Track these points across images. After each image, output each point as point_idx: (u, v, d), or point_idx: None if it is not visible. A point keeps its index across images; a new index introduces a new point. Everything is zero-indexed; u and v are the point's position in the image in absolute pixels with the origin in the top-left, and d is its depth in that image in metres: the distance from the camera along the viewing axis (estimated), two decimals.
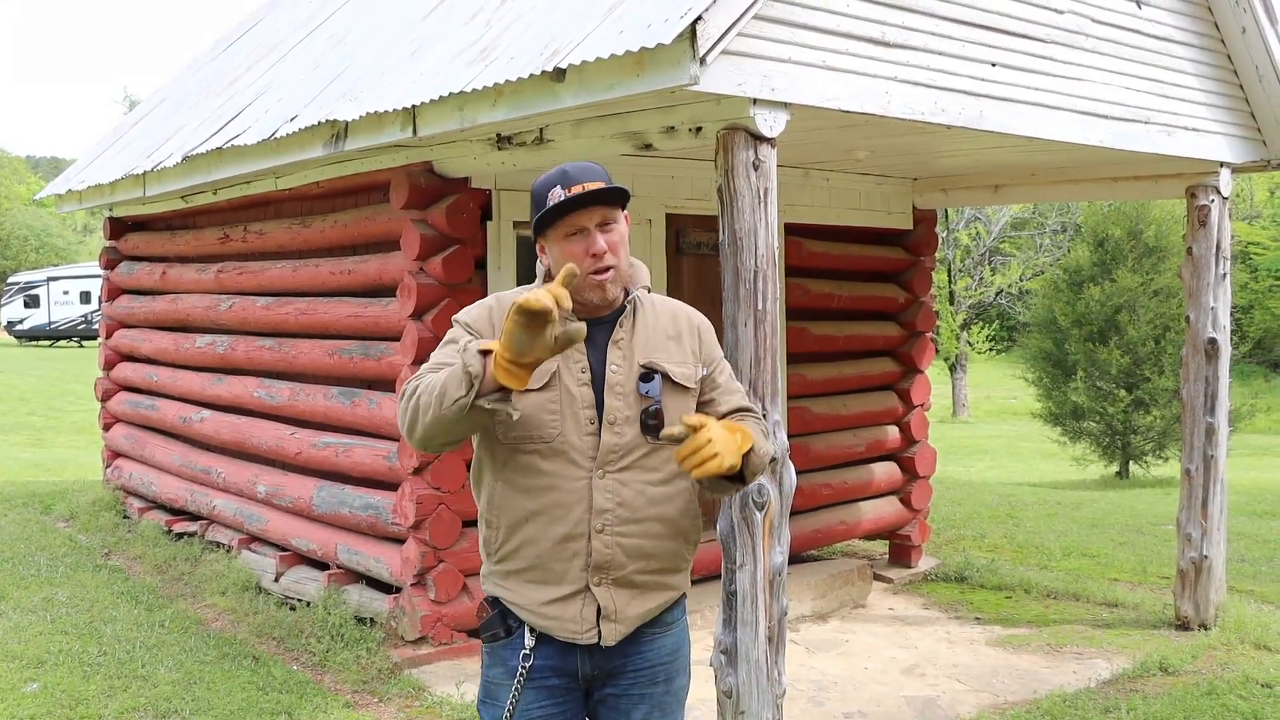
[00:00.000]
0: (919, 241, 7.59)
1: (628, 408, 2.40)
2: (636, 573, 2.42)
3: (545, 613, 2.40)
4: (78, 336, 39.30)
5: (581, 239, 2.38)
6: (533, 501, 2.39)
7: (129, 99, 54.30)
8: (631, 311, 2.47)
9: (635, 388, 2.41)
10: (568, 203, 2.35)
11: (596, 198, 2.36)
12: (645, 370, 2.43)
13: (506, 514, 2.41)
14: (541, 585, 2.40)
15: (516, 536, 2.41)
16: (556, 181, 2.37)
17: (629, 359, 2.43)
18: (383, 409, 5.70)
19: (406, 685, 5.06)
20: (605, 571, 2.39)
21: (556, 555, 2.38)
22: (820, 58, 4.10)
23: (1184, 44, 5.77)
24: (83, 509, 8.69)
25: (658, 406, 2.40)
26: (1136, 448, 15.97)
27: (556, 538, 2.38)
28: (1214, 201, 6.12)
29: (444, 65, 4.81)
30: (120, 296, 9.03)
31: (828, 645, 5.94)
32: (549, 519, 2.38)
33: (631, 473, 2.40)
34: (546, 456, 2.37)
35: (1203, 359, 6.12)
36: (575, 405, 2.38)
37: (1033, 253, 26.98)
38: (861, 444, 7.29)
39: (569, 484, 2.37)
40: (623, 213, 2.44)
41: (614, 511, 2.38)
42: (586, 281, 2.38)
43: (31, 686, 4.99)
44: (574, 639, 2.41)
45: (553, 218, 2.38)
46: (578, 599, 2.39)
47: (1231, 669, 5.35)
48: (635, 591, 2.43)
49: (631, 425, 2.40)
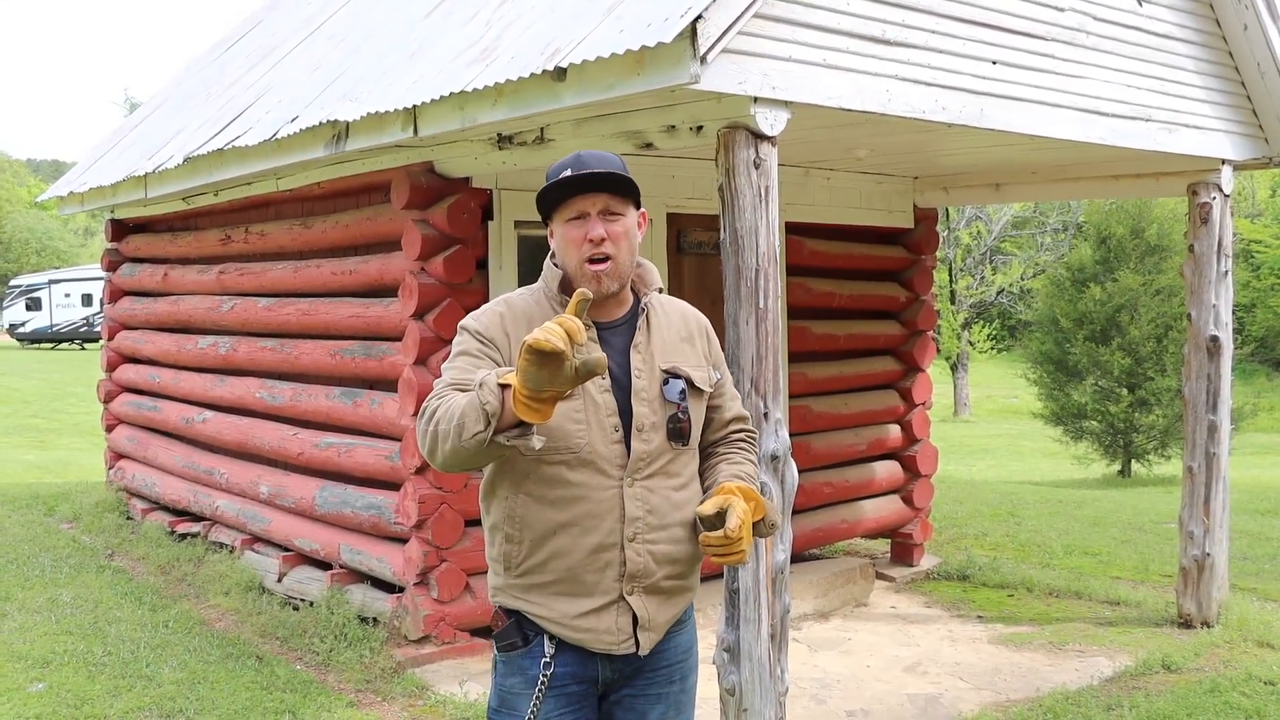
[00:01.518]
0: (920, 240, 7.59)
1: (653, 414, 2.38)
2: (665, 579, 2.40)
3: (579, 625, 2.36)
4: (79, 339, 39.31)
5: (581, 224, 2.35)
6: (561, 513, 2.34)
7: (129, 101, 54.33)
8: (646, 315, 2.45)
9: (659, 393, 2.39)
10: (569, 181, 2.32)
11: (599, 180, 2.33)
12: (668, 375, 2.41)
13: (531, 527, 2.36)
14: (573, 598, 2.36)
15: (544, 549, 2.36)
16: (569, 165, 2.36)
17: (649, 364, 2.41)
18: (384, 409, 5.71)
19: (410, 684, 5.06)
20: (638, 580, 2.37)
21: (588, 566, 2.35)
22: (821, 56, 4.11)
23: (1185, 41, 5.77)
24: (86, 510, 8.70)
25: (685, 412, 2.39)
26: (1139, 446, 15.98)
27: (589, 549, 2.34)
28: (1216, 199, 6.12)
29: (444, 65, 4.82)
30: (122, 298, 9.04)
31: (830, 643, 5.94)
32: (580, 530, 2.34)
33: (657, 479, 2.38)
34: (574, 467, 2.33)
35: (1205, 356, 6.12)
36: (600, 413, 2.34)
37: (1034, 251, 26.98)
38: (863, 443, 7.29)
39: (599, 494, 2.34)
40: (635, 209, 2.41)
41: (644, 519, 2.36)
42: (581, 270, 2.36)
43: (37, 686, 5.00)
44: (610, 650, 2.38)
45: (557, 197, 2.36)
46: (612, 610, 2.37)
47: (1234, 667, 5.35)
48: (664, 597, 2.42)
49: (658, 432, 2.38)
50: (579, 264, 2.36)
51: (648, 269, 2.51)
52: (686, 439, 2.40)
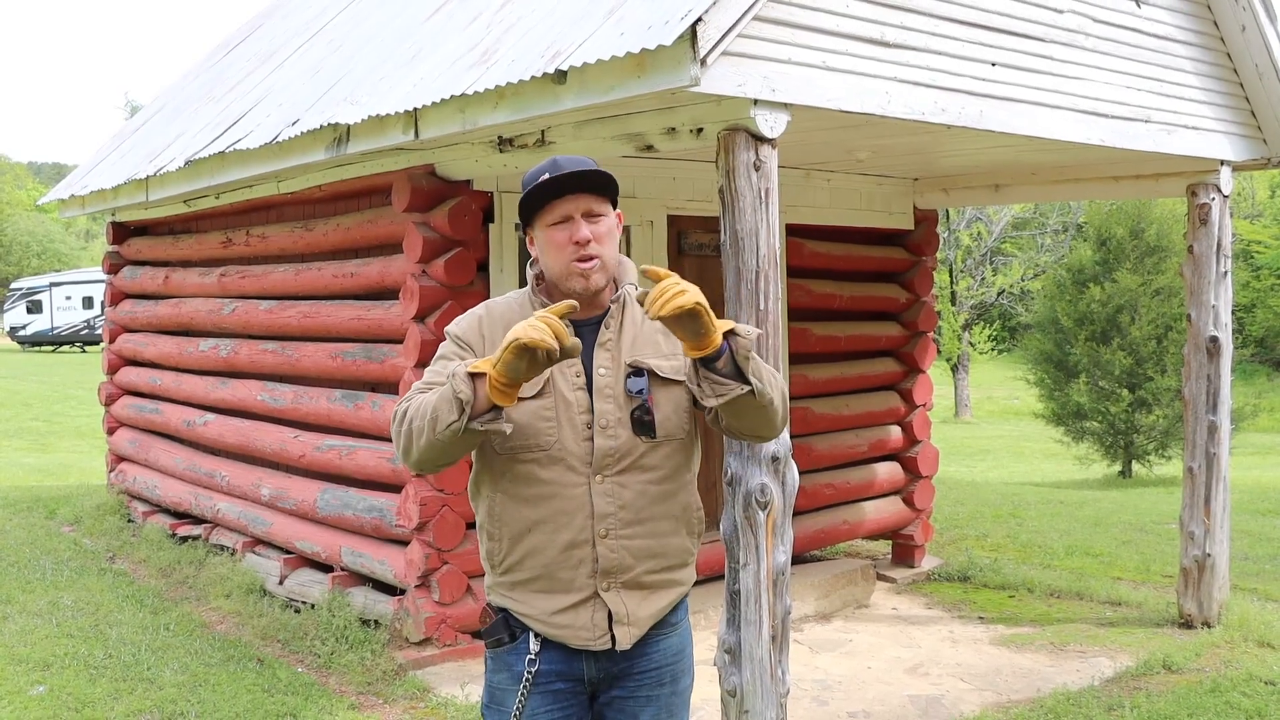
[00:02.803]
0: (920, 241, 7.60)
1: (618, 410, 2.38)
2: (646, 573, 2.41)
3: (556, 622, 2.39)
4: (80, 342, 39.35)
5: (565, 228, 2.37)
6: (534, 511, 2.37)
7: (130, 104, 54.38)
8: (619, 311, 2.44)
9: (624, 388, 2.39)
10: (552, 183, 2.34)
11: (581, 180, 2.35)
12: (632, 369, 2.40)
13: (508, 525, 2.40)
14: (549, 594, 2.39)
15: (520, 547, 2.39)
16: (546, 169, 2.37)
17: (617, 360, 2.41)
18: (386, 411, 5.71)
19: (411, 687, 5.07)
20: (613, 576, 2.38)
21: (562, 563, 2.37)
22: (821, 58, 4.11)
23: (1184, 43, 5.78)
24: (87, 513, 8.71)
25: (646, 404, 2.37)
26: (1139, 447, 15.96)
27: (561, 545, 2.36)
28: (1215, 200, 6.13)
29: (445, 68, 4.83)
30: (123, 301, 9.05)
31: (831, 645, 5.95)
32: (553, 527, 2.36)
33: (631, 474, 2.38)
34: (545, 465, 2.36)
35: (1204, 357, 6.13)
36: (571, 411, 2.36)
37: (1034, 252, 26.97)
38: (864, 444, 7.30)
39: (569, 490, 2.36)
40: (613, 209, 2.43)
41: (616, 515, 2.37)
42: (570, 269, 2.37)
43: (38, 689, 5.01)
44: (587, 646, 2.39)
45: (539, 203, 2.37)
46: (587, 606, 2.38)
47: (1235, 667, 5.35)
48: (646, 592, 2.42)
49: (624, 427, 2.38)
50: (566, 266, 2.37)
51: (625, 265, 2.52)
52: (653, 432, 2.37)
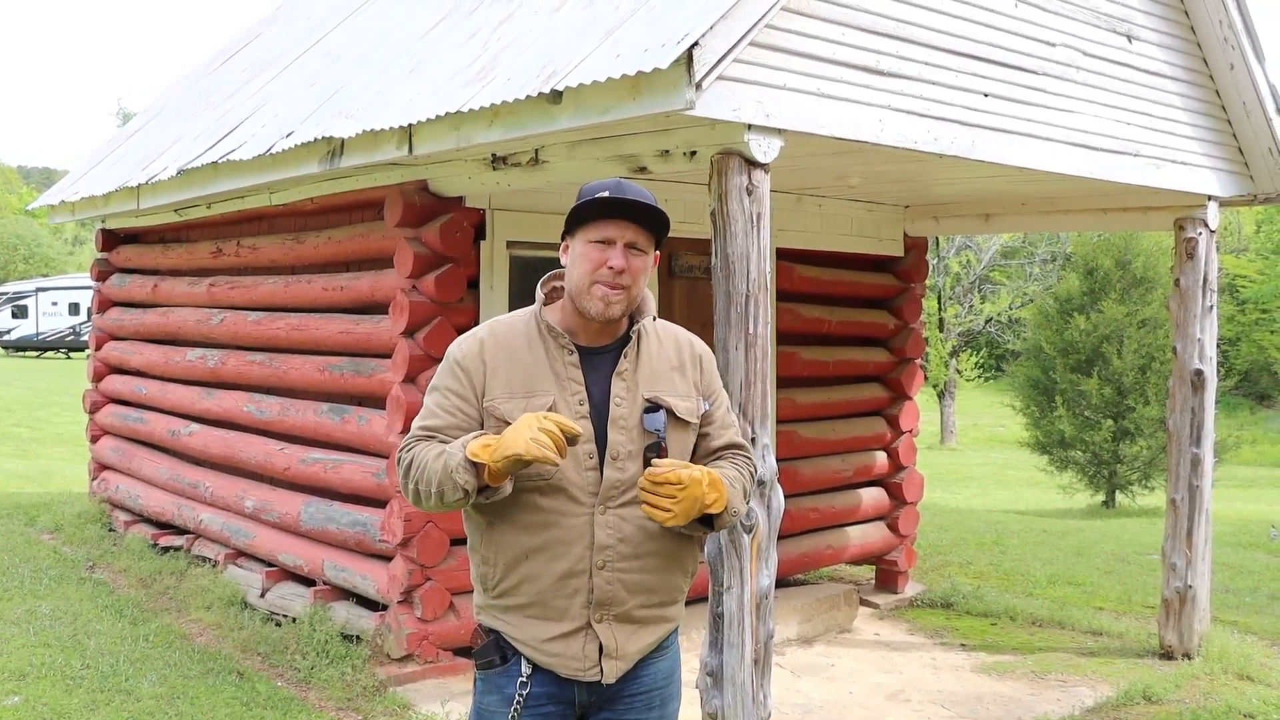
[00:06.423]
0: (910, 268, 7.64)
1: (631, 442, 2.37)
2: (637, 608, 2.41)
3: (547, 649, 2.38)
4: (65, 348, 39.13)
5: (604, 249, 2.36)
6: (532, 538, 2.36)
7: (122, 111, 54.15)
8: (636, 341, 2.44)
9: (640, 421, 2.38)
10: (611, 203, 2.35)
11: (637, 210, 2.36)
12: (650, 404, 2.40)
13: (504, 551, 2.39)
14: (542, 621, 2.38)
15: (516, 573, 2.39)
16: (609, 187, 2.37)
17: (633, 391, 2.40)
18: (372, 426, 5.70)
19: (392, 703, 5.04)
20: (607, 608, 2.37)
21: (558, 592, 2.36)
22: (815, 85, 4.15)
23: (1173, 79, 5.84)
24: (68, 521, 8.64)
25: (662, 443, 2.36)
26: (1122, 477, 16.03)
27: (557, 574, 2.35)
28: (1202, 234, 6.18)
29: (441, 84, 4.84)
30: (111, 309, 9.01)
31: (813, 669, 5.94)
32: (550, 556, 2.35)
33: (632, 508, 2.37)
34: (546, 493, 2.35)
35: (1189, 390, 6.17)
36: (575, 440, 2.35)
37: (1022, 281, 27.11)
38: (849, 469, 7.31)
39: (569, 520, 2.35)
40: (654, 250, 2.44)
41: (615, 548, 2.36)
42: (593, 289, 2.36)
43: (13, 699, 4.96)
44: (576, 676, 2.39)
45: (591, 216, 2.37)
46: (579, 636, 2.38)
47: (1214, 699, 5.36)
48: (635, 626, 2.42)
49: (635, 460, 2.37)
50: (588, 281, 2.37)
51: (646, 299, 2.52)
52: None
